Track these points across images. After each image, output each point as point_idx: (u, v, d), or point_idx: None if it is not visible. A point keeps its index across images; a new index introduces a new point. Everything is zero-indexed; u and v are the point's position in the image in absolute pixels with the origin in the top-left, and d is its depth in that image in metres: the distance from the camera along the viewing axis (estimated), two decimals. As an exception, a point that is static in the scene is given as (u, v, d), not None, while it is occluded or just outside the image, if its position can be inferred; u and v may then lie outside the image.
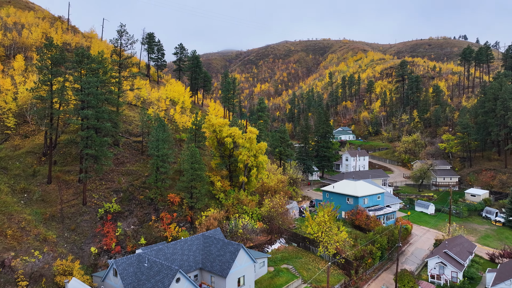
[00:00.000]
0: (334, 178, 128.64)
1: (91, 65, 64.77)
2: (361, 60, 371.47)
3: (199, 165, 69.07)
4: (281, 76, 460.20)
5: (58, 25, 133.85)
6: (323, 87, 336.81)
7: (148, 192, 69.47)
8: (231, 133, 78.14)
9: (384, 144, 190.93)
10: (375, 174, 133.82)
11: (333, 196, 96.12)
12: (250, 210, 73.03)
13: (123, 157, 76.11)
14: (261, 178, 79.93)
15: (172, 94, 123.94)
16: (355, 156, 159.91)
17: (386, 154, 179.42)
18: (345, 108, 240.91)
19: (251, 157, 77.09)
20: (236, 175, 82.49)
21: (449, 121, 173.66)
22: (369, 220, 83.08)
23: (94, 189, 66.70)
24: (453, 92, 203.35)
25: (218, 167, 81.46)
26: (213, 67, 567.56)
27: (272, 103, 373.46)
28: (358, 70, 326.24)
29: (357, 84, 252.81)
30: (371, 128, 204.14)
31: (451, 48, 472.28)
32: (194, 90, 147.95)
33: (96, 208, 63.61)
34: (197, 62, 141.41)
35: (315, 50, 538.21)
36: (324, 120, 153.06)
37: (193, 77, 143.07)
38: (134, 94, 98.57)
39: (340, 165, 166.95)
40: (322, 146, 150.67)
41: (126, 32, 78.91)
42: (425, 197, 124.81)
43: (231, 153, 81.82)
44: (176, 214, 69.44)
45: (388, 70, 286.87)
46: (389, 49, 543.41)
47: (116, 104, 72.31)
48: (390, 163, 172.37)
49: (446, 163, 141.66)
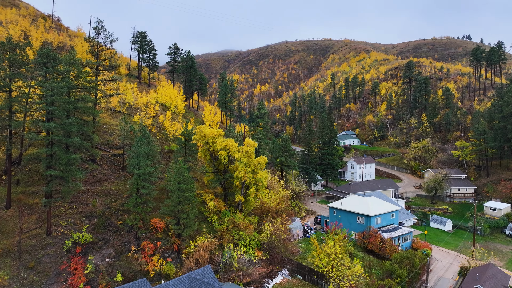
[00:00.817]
0: (341, 190, 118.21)
1: (59, 67, 54.37)
2: (364, 60, 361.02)
3: (187, 186, 58.64)
4: (281, 77, 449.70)
5: (41, 22, 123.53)
6: (325, 88, 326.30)
7: (127, 218, 58.97)
8: (226, 145, 67.75)
9: (391, 149, 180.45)
10: (384, 185, 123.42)
11: (341, 213, 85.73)
12: (247, 236, 62.58)
13: (100, 174, 65.64)
14: (260, 198, 69.46)
15: (164, 98, 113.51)
16: (362, 164, 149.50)
17: (394, 160, 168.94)
18: (348, 111, 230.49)
19: (249, 173, 66.67)
20: (231, 193, 72.07)
21: (460, 126, 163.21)
22: (384, 244, 72.69)
23: (62, 215, 56.23)
24: (463, 94, 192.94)
25: (211, 184, 71.06)
26: (212, 68, 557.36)
27: (272, 104, 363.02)
28: (361, 71, 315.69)
29: (361, 85, 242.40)
30: (376, 133, 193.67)
31: (455, 48, 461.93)
32: (188, 93, 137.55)
33: (63, 239, 53.13)
34: (192, 63, 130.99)
35: (316, 50, 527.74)
36: (328, 125, 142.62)
37: (188, 79, 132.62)
38: (118, 99, 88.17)
39: (345, 172, 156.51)
40: (326, 153, 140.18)
41: (105, 29, 68.44)
42: (439, 210, 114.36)
43: (226, 168, 71.40)
44: (160, 242, 58.99)
45: (392, 71, 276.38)
46: (392, 49, 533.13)
47: (92, 113, 61.84)
48: (398, 171, 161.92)
49: (461, 172, 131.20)
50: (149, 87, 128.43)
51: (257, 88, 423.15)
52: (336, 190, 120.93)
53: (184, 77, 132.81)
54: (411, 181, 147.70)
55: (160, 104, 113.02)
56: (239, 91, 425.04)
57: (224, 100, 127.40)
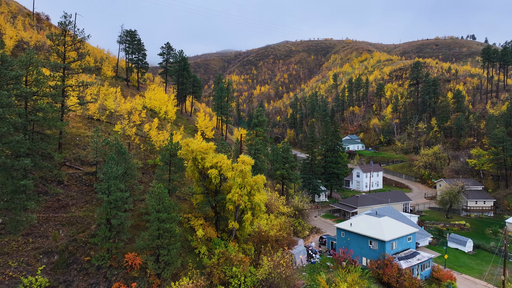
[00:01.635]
0: (347, 203, 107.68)
1: (8, 71, 43.97)
2: (367, 61, 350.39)
3: (168, 215, 48.23)
4: (281, 78, 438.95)
5: (20, 20, 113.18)
6: (326, 90, 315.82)
7: (93, 257, 48.44)
8: (217, 162, 57.33)
9: (398, 156, 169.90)
10: (394, 197, 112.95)
11: (350, 236, 75.29)
12: (241, 273, 52.09)
13: (67, 197, 55.14)
14: (257, 223, 58.96)
15: (153, 103, 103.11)
16: (368, 173, 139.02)
17: (402, 168, 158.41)
18: (352, 114, 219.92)
19: (244, 195, 56.24)
20: (224, 217, 61.63)
21: (473, 131, 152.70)
22: (402, 276, 62.28)
23: (13, 253, 45.81)
24: (474, 97, 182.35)
25: (200, 207, 60.64)
26: (211, 68, 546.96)
27: (272, 106, 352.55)
28: (365, 72, 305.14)
29: (364, 87, 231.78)
30: (382, 137, 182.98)
31: (459, 48, 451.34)
32: (181, 97, 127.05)
33: (10, 286, 42.71)
34: (185, 64, 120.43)
35: (317, 50, 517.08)
36: (333, 131, 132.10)
37: (180, 82, 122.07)
38: (97, 106, 77.71)
39: (350, 181, 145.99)
40: (331, 161, 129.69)
41: (74, 26, 58.05)
42: (455, 226, 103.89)
43: (217, 188, 60.95)
44: (136, 283, 48.55)
45: (397, 72, 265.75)
46: (394, 49, 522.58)
47: (55, 125, 51.34)
48: (407, 179, 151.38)
49: (477, 182, 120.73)
50: (138, 91, 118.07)
51: (256, 90, 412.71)
52: (342, 203, 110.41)
53: (176, 79, 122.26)
54: (422, 191, 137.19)
55: (148, 110, 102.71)
56: (239, 92, 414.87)
57: (220, 104, 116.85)
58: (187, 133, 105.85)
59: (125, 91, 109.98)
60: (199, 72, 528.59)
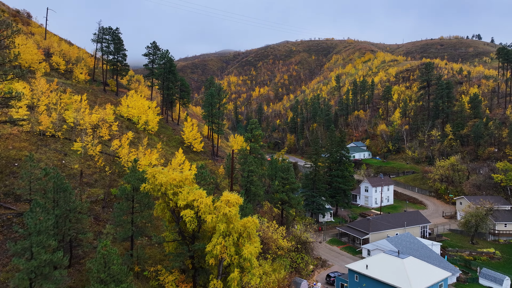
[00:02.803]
0: (356, 227, 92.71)
1: None
2: (371, 61, 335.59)
3: (116, 286, 33.43)
4: (281, 79, 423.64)
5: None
6: (329, 92, 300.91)
7: None
8: (194, 201, 42.55)
9: (409, 166, 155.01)
10: (410, 219, 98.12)
11: (366, 281, 60.53)
12: None
13: (-15, 251, 40.35)
14: (247, 283, 44.04)
15: (130, 112, 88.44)
16: (379, 187, 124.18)
17: (414, 180, 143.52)
18: (357, 118, 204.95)
19: (230, 246, 41.47)
20: (205, 270, 46.82)
21: (494, 140, 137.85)
22: None
23: None
24: (491, 101, 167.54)
25: (173, 258, 45.80)
26: (209, 69, 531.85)
27: (271, 109, 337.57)
28: (369, 73, 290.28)
29: (370, 89, 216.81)
30: (391, 145, 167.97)
31: (465, 48, 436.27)
32: (167, 103, 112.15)
33: None
34: (171, 66, 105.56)
35: (318, 50, 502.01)
36: (339, 141, 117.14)
37: (166, 86, 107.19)
38: (51, 120, 62.79)
39: (357, 196, 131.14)
40: (336, 175, 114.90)
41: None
42: (483, 254, 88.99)
43: (195, 233, 46.14)
44: None
45: (404, 73, 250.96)
46: (397, 49, 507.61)
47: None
48: (420, 193, 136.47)
49: (504, 200, 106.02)
50: (117, 97, 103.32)
51: (255, 91, 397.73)
52: (351, 226, 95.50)
53: (161, 84, 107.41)
54: (438, 208, 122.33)
55: (125, 120, 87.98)
56: (237, 94, 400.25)
57: (210, 112, 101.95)
58: (170, 146, 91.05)
59: (100, 97, 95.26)
60: (196, 73, 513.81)
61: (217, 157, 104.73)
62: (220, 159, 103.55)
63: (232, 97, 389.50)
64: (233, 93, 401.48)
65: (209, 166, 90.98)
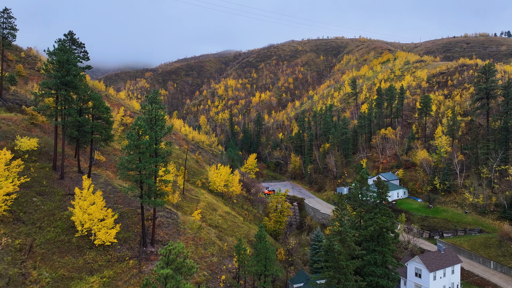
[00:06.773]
0: None
1: None
2: (391, 62, 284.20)
3: None
4: (285, 82, 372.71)
5: None
6: (342, 99, 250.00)
7: None
8: None
9: (471, 218, 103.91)
10: None
11: None
12: None
13: None
14: None
15: None
16: (440, 270, 73.84)
17: (486, 247, 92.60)
18: (383, 138, 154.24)
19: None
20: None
21: None
22: None
23: None
24: None
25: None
26: (206, 71, 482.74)
27: (273, 119, 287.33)
28: (391, 76, 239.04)
29: (399, 98, 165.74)
30: (438, 182, 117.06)
31: (497, 47, 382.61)
32: (67, 139, 62.77)
33: None
34: (69, 70, 56.19)
35: (327, 50, 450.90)
36: (379, 213, 66.96)
37: (60, 112, 57.93)
38: None
39: (401, 281, 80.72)
40: (372, 262, 65.39)
41: None
42: None
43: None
44: None
45: (439, 77, 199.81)
46: (414, 48, 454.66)
47: None
48: (497, 270, 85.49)
49: None
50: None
51: (256, 97, 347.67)
52: None
53: (55, 100, 58.17)
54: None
55: None
56: (234, 100, 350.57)
57: (137, 165, 52.50)
58: (43, 247, 41.71)
59: None
60: (191, 75, 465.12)
61: (152, 247, 55.12)
62: (154, 254, 53.77)
63: (229, 104, 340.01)
64: (230, 99, 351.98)
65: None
